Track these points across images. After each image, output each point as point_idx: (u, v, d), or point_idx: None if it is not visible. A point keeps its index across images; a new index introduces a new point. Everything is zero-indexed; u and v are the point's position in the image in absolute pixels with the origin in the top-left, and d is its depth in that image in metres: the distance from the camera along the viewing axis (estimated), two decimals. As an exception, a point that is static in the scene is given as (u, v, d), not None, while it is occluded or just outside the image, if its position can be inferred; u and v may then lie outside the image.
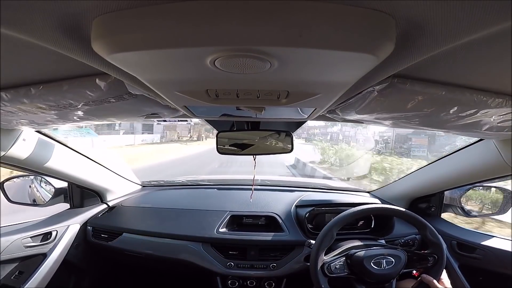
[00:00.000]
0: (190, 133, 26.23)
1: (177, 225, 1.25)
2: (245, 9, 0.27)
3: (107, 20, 0.30)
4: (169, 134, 24.12)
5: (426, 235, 0.93)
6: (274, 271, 1.13)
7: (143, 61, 0.35)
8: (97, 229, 1.29)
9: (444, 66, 0.46)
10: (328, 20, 0.28)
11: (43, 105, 0.63)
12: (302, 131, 22.08)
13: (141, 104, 0.68)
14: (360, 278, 0.89)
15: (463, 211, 1.26)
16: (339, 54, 0.31)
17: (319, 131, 23.51)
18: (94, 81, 0.55)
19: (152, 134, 22.33)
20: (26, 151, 0.94)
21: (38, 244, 1.11)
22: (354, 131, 17.33)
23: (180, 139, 24.09)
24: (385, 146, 13.32)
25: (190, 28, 0.28)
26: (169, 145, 19.29)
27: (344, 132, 19.46)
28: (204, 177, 1.92)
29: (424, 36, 0.33)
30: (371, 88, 0.53)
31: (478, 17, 0.28)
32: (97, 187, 1.38)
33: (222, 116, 0.78)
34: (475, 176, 1.03)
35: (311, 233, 1.21)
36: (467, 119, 0.64)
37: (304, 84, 0.44)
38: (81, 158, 1.23)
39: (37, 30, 0.33)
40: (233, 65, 0.34)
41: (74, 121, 0.81)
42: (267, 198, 1.38)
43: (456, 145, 1.23)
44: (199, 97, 0.50)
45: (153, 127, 22.08)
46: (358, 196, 1.48)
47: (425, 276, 0.89)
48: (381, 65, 0.36)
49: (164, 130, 23.48)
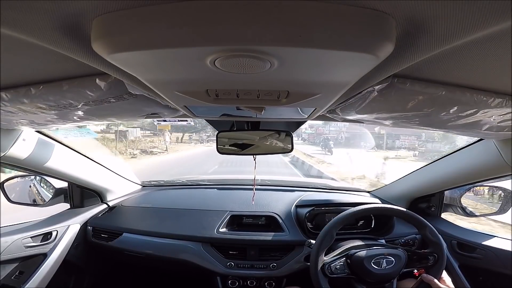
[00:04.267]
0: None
1: (177, 225, 1.25)
2: (245, 9, 0.27)
3: (107, 20, 0.30)
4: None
5: (426, 234, 0.93)
6: (274, 271, 1.13)
7: (143, 61, 0.35)
8: (97, 229, 1.29)
9: (444, 66, 0.46)
10: (328, 20, 0.28)
11: (43, 105, 0.63)
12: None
13: (141, 104, 0.68)
14: (360, 278, 0.89)
15: (463, 211, 1.26)
16: (339, 54, 0.31)
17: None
18: (94, 81, 0.55)
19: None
20: (26, 151, 0.94)
21: (39, 244, 1.11)
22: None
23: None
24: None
25: (190, 28, 0.28)
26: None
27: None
28: (204, 177, 1.92)
29: (424, 36, 0.33)
30: (371, 88, 0.53)
31: (478, 17, 0.28)
32: (97, 187, 1.38)
33: (222, 116, 0.78)
34: (475, 176, 1.03)
35: (311, 233, 1.21)
36: (467, 119, 0.64)
37: (304, 84, 0.44)
38: (81, 158, 1.23)
39: (37, 30, 0.33)
40: (233, 65, 0.34)
41: (74, 121, 0.81)
42: (267, 198, 1.38)
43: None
44: (199, 97, 0.50)
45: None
46: (358, 196, 1.48)
47: (426, 276, 0.89)
48: (381, 65, 0.36)
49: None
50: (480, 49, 0.39)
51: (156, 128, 16.09)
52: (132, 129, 14.83)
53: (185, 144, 18.50)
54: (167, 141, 15.19)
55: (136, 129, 15.21)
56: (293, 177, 6.59)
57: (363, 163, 10.93)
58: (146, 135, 17.26)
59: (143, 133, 16.90)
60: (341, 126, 20.55)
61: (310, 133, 24.20)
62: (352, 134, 21.23)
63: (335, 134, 22.33)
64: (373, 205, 0.98)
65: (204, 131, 18.92)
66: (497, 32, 0.31)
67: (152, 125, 15.31)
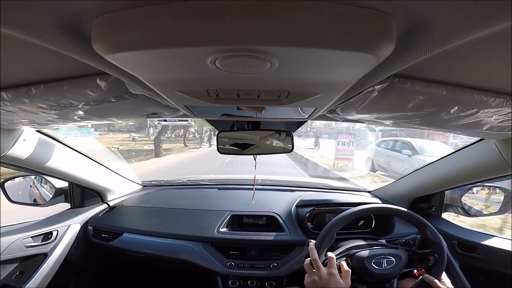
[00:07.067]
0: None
1: (177, 225, 1.25)
2: (245, 9, 0.27)
3: (108, 19, 0.30)
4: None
5: (426, 234, 0.93)
6: (275, 271, 1.13)
7: (144, 61, 0.35)
8: (97, 229, 1.29)
9: (445, 66, 0.46)
10: (328, 19, 0.28)
11: (43, 105, 0.63)
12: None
13: (142, 104, 0.68)
14: (361, 278, 0.89)
15: (463, 211, 1.26)
16: (339, 54, 0.31)
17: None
18: (95, 81, 0.55)
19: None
20: (27, 151, 0.94)
21: (39, 244, 1.11)
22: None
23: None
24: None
25: (191, 28, 0.28)
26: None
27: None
28: (204, 177, 1.92)
29: (425, 36, 0.33)
30: (371, 88, 0.53)
31: (479, 17, 0.28)
32: (97, 187, 1.38)
33: (222, 115, 0.78)
34: (476, 175, 1.03)
35: (312, 232, 1.21)
36: (467, 119, 0.64)
37: (305, 84, 0.44)
38: (81, 158, 1.23)
39: (38, 30, 0.33)
40: (233, 65, 0.34)
41: (75, 121, 0.81)
42: (267, 198, 1.38)
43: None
44: (200, 97, 0.50)
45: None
46: (359, 196, 1.48)
47: (427, 277, 0.88)
48: (382, 64, 0.36)
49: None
50: (481, 49, 0.39)
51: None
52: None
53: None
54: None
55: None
56: (293, 177, 6.63)
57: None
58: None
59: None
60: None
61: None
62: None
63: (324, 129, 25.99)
64: (373, 205, 0.98)
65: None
66: (497, 32, 0.31)
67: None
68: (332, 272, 0.79)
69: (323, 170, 8.15)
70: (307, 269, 0.84)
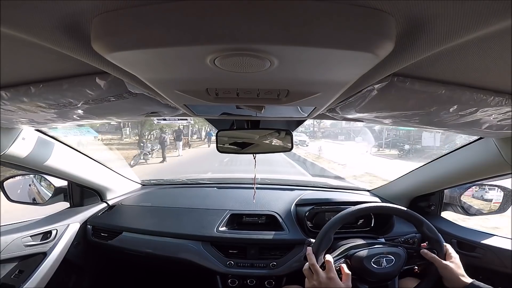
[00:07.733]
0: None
1: (177, 224, 1.25)
2: (245, 8, 0.27)
3: (107, 19, 0.30)
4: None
5: (424, 231, 0.93)
6: (274, 270, 1.13)
7: (143, 60, 0.35)
8: (97, 228, 1.29)
9: (444, 65, 0.46)
10: (328, 18, 0.28)
11: (43, 103, 0.63)
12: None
13: (141, 103, 0.68)
14: (361, 278, 0.89)
15: (463, 210, 1.26)
16: (339, 53, 0.31)
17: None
18: (94, 80, 0.55)
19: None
20: (26, 150, 0.94)
21: (38, 243, 1.11)
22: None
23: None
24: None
25: (190, 27, 0.28)
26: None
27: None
28: (204, 176, 1.92)
29: (424, 35, 0.33)
30: (371, 87, 0.53)
31: (478, 16, 0.28)
32: (97, 186, 1.38)
33: (222, 114, 0.78)
34: (475, 174, 1.03)
35: (311, 231, 1.21)
36: (467, 118, 0.64)
37: (304, 83, 0.43)
38: (81, 157, 1.23)
39: (37, 29, 0.32)
40: (233, 64, 0.34)
41: (74, 120, 0.81)
42: (267, 197, 1.38)
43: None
44: (199, 96, 0.50)
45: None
46: (358, 195, 1.49)
47: (427, 252, 0.87)
48: (381, 63, 0.36)
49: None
50: (480, 48, 0.39)
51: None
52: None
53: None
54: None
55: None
56: (292, 176, 6.64)
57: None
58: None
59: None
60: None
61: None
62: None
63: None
64: (370, 204, 0.98)
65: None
66: (496, 31, 0.31)
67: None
68: (331, 276, 0.79)
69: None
70: (306, 275, 0.84)
